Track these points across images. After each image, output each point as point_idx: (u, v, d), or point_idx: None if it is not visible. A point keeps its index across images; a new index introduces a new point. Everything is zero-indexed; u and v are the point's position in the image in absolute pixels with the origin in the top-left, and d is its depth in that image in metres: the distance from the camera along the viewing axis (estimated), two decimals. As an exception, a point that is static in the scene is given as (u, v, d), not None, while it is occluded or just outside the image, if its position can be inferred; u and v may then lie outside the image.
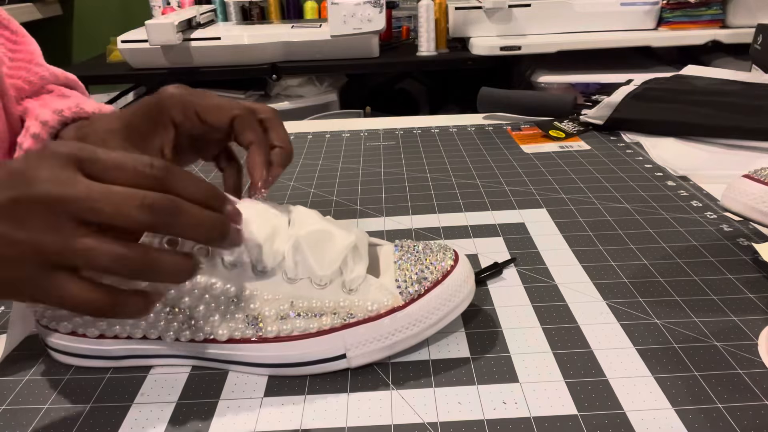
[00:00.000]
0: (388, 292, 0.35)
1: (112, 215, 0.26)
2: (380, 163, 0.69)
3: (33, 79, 0.49)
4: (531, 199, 0.57)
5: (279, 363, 0.35)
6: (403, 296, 0.35)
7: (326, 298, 0.35)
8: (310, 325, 0.34)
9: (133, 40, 1.67)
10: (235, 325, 0.34)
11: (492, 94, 0.84)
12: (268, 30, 1.74)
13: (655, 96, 0.72)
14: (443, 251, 0.38)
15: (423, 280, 0.36)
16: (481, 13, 1.68)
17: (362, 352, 0.35)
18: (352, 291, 0.35)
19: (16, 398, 0.35)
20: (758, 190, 0.50)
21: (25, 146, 0.41)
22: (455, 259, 0.38)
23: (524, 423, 0.31)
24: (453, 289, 0.36)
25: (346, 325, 0.34)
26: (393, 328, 0.35)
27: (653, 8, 1.64)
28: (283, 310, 0.34)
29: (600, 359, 0.35)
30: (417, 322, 0.35)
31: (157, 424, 0.32)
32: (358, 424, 0.32)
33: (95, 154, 0.28)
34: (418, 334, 0.36)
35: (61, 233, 0.26)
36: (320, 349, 0.34)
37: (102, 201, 0.26)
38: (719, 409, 0.31)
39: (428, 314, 0.36)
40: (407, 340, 0.35)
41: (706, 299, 0.40)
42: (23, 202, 0.26)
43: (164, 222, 0.27)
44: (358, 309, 0.35)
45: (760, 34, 0.98)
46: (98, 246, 0.27)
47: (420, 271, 0.36)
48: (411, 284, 0.36)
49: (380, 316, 0.35)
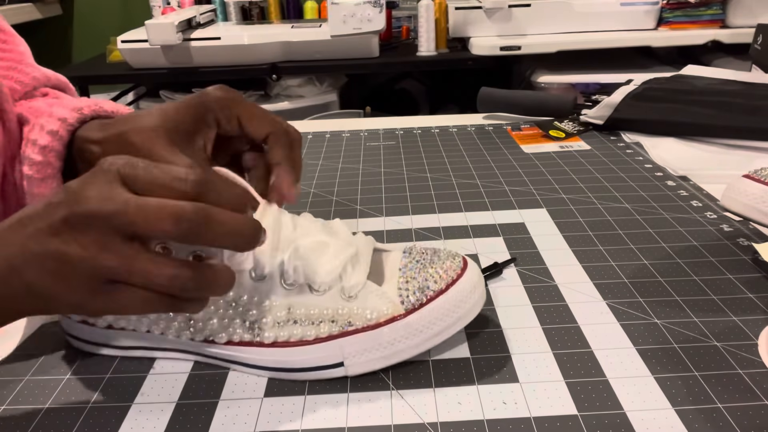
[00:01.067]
0: (389, 300, 0.34)
1: (145, 228, 0.27)
2: (380, 163, 0.69)
3: (25, 80, 0.48)
4: (531, 199, 0.57)
5: (276, 367, 0.35)
6: (404, 305, 0.34)
7: (325, 305, 0.34)
8: (307, 332, 0.34)
9: (133, 40, 1.67)
10: (234, 329, 0.34)
11: (492, 94, 0.84)
12: (268, 30, 1.74)
13: (655, 96, 0.72)
14: (451, 259, 0.37)
15: (426, 289, 0.35)
16: (481, 13, 1.68)
17: (360, 361, 0.34)
18: (351, 298, 0.34)
19: (16, 398, 0.35)
20: (758, 190, 0.50)
21: (42, 143, 0.41)
22: (463, 267, 0.36)
23: (524, 423, 0.31)
24: (458, 300, 0.35)
25: (344, 333, 0.34)
26: (392, 338, 0.34)
27: (653, 8, 1.64)
28: (281, 316, 0.34)
29: (600, 359, 0.35)
30: (417, 333, 0.34)
31: (157, 424, 0.32)
32: (358, 425, 0.32)
33: (135, 170, 0.29)
34: (419, 344, 0.34)
35: (112, 250, 0.27)
36: (318, 356, 0.34)
37: (136, 214, 0.27)
38: (719, 409, 0.31)
39: (429, 324, 0.34)
40: (407, 350, 0.34)
41: (706, 299, 0.40)
42: (73, 219, 0.27)
43: (196, 232, 0.28)
44: (357, 317, 0.34)
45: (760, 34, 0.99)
46: (145, 266, 0.28)
47: (424, 279, 0.35)
48: (413, 293, 0.35)
49: (379, 324, 0.34)
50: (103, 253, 0.27)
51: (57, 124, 0.41)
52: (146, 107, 1.85)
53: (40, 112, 0.43)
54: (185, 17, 1.69)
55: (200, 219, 0.28)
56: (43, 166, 0.41)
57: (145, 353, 0.37)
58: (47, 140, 0.41)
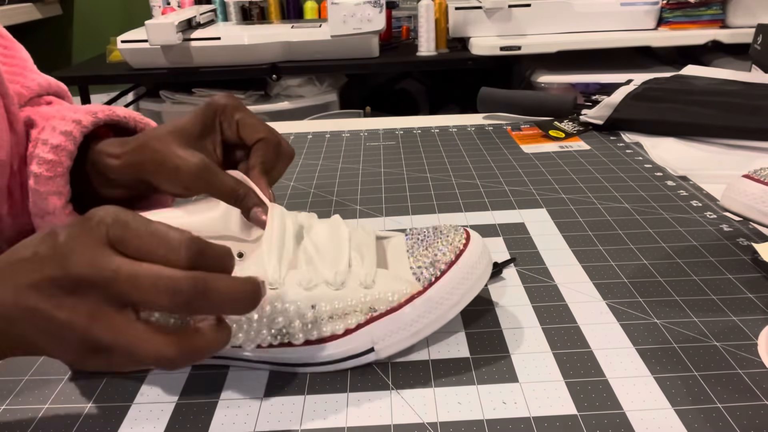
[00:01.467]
0: (405, 280, 0.36)
1: (138, 299, 0.26)
2: (380, 163, 0.69)
3: (32, 85, 0.49)
4: (531, 199, 0.57)
5: (307, 362, 0.35)
6: (421, 282, 0.35)
7: (347, 297, 0.35)
8: (337, 327, 0.35)
9: (133, 40, 1.67)
10: (262, 339, 0.34)
11: (492, 94, 0.84)
12: (268, 30, 1.74)
13: (655, 96, 0.72)
14: (454, 231, 0.38)
15: (437, 263, 0.36)
16: (481, 13, 1.68)
17: (389, 343, 0.35)
18: (370, 285, 0.35)
19: (16, 398, 0.35)
20: (758, 190, 0.50)
21: (54, 142, 0.42)
22: (467, 237, 0.38)
23: (524, 423, 0.31)
24: (469, 267, 0.36)
25: (371, 319, 0.35)
26: (415, 315, 0.35)
27: (653, 8, 1.64)
28: (308, 317, 0.34)
29: (600, 359, 0.35)
30: (438, 305, 0.35)
31: (157, 424, 0.32)
32: (357, 424, 0.32)
33: (125, 232, 0.27)
34: (442, 316, 0.36)
35: (102, 320, 0.27)
36: (349, 347, 0.35)
37: (129, 285, 0.26)
38: (719, 409, 0.31)
39: (448, 295, 0.36)
40: (432, 324, 0.36)
41: (706, 299, 0.40)
42: (62, 281, 0.26)
43: (193, 304, 0.27)
44: (380, 302, 0.35)
45: (760, 34, 0.99)
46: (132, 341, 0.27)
47: (433, 254, 0.37)
48: (426, 268, 0.36)
49: (401, 305, 0.35)
50: (93, 323, 0.26)
51: (71, 125, 0.42)
52: (146, 107, 1.85)
53: (50, 115, 0.44)
54: (185, 17, 1.69)
55: (197, 291, 0.26)
56: (53, 164, 0.42)
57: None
58: (60, 140, 0.42)
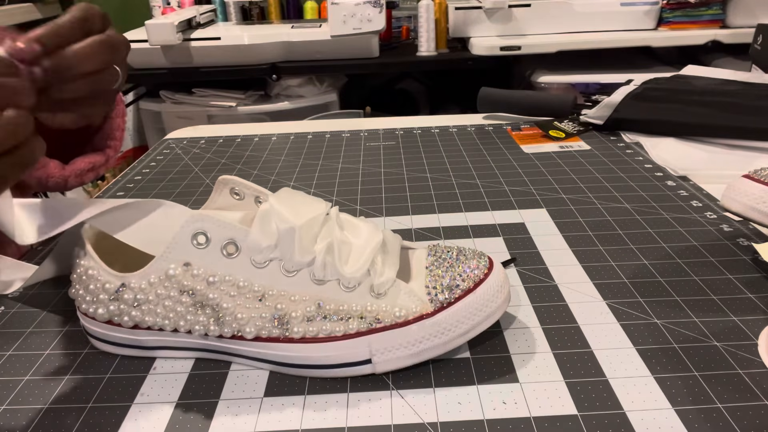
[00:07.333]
0: (417, 298, 0.35)
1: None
2: (380, 163, 0.69)
3: None
4: (531, 199, 0.57)
5: (304, 364, 0.35)
6: (433, 303, 0.35)
7: (354, 302, 0.34)
8: (336, 328, 0.34)
9: (133, 40, 1.67)
10: (262, 323, 0.34)
11: (492, 94, 0.84)
12: (268, 30, 1.74)
13: (655, 96, 0.72)
14: (477, 258, 0.37)
15: (455, 288, 0.35)
16: (481, 13, 1.68)
17: (388, 358, 0.34)
18: (380, 295, 0.34)
19: (16, 398, 0.35)
20: (758, 190, 0.50)
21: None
22: (489, 267, 0.36)
23: (524, 423, 0.31)
24: (486, 299, 0.35)
25: (373, 330, 0.34)
26: (420, 336, 0.34)
27: (653, 8, 1.64)
28: (310, 311, 0.34)
29: (600, 359, 0.35)
30: (446, 331, 0.34)
31: (157, 424, 0.32)
32: (358, 425, 0.32)
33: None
34: (447, 342, 0.35)
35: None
36: (345, 352, 0.34)
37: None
38: (719, 409, 0.31)
39: (458, 323, 0.35)
40: (435, 348, 0.35)
41: (706, 299, 0.40)
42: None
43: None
44: (386, 314, 0.34)
45: (760, 34, 0.99)
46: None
47: (452, 278, 0.35)
48: (441, 291, 0.35)
49: (408, 322, 0.34)
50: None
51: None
52: (146, 107, 1.85)
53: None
54: (185, 17, 1.69)
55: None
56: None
57: (172, 353, 0.37)
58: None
